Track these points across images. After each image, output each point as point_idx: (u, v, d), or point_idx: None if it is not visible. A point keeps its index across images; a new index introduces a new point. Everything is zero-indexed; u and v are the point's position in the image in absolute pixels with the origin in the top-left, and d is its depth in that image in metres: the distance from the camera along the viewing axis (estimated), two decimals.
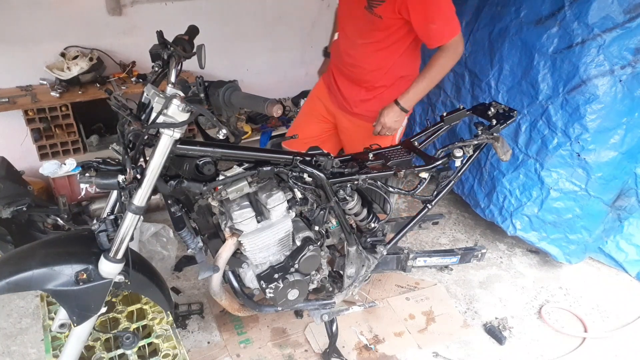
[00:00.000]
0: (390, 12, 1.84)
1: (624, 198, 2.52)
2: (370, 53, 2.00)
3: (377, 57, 2.01)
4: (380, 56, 2.00)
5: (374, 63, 2.03)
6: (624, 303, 2.58)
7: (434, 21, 1.82)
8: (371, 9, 1.87)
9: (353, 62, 2.07)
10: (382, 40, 1.95)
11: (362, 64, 2.04)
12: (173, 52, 1.49)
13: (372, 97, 2.12)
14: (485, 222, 3.00)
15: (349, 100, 2.16)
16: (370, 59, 2.02)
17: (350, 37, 2.03)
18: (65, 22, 2.76)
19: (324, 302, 1.94)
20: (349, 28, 2.03)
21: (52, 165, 2.71)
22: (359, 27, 1.97)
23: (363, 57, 2.02)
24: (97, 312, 1.42)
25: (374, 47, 1.98)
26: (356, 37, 2.00)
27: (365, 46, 1.99)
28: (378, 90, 2.10)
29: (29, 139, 2.76)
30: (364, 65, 2.05)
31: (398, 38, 1.95)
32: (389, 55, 2.00)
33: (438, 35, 1.85)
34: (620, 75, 2.17)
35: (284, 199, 1.60)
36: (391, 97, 2.06)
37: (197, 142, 1.45)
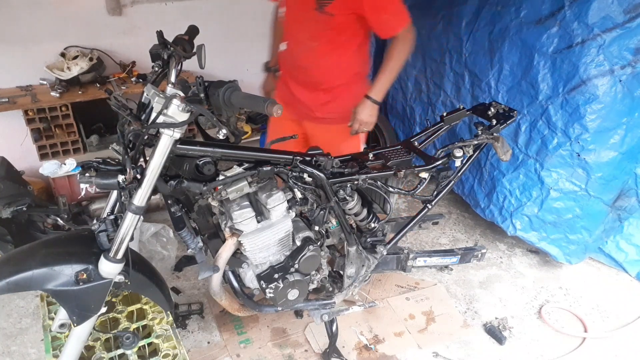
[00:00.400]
0: (341, 9, 1.87)
1: (624, 198, 2.52)
2: (325, 54, 2.01)
3: (331, 57, 2.02)
4: (334, 55, 2.01)
5: (329, 63, 2.03)
6: (624, 303, 2.58)
7: (386, 12, 1.89)
8: (321, 8, 1.88)
9: (308, 66, 2.06)
10: (335, 38, 1.97)
11: (317, 66, 2.05)
12: (173, 52, 1.49)
13: (332, 99, 2.12)
14: (485, 222, 3.00)
15: (310, 107, 2.15)
16: (325, 59, 2.02)
17: (303, 41, 2.02)
18: (65, 22, 2.77)
19: (324, 302, 1.94)
20: (300, 33, 2.02)
21: (52, 165, 2.71)
22: (311, 30, 1.97)
23: (318, 58, 2.02)
24: (97, 312, 1.42)
25: (328, 47, 1.99)
26: (309, 40, 2.00)
27: (318, 48, 2.00)
28: (336, 91, 2.10)
29: (29, 139, 2.76)
30: (319, 67, 2.05)
31: (350, 35, 1.98)
32: (342, 53, 2.02)
33: (390, 25, 1.92)
34: (620, 75, 2.17)
35: (284, 199, 1.60)
36: (350, 95, 2.09)
37: (197, 142, 1.45)
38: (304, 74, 2.10)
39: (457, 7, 2.85)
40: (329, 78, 2.08)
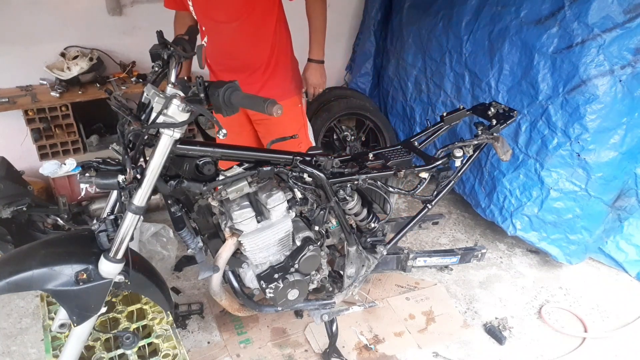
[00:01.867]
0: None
1: (624, 198, 2.52)
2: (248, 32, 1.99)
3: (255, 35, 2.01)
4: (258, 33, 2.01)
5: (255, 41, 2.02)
6: (624, 303, 2.58)
7: None
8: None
9: (234, 50, 2.04)
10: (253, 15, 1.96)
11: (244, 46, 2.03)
12: (173, 52, 1.49)
13: (269, 76, 2.11)
14: (485, 222, 3.00)
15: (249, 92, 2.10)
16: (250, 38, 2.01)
17: (222, 27, 2.00)
18: (65, 22, 2.76)
19: (324, 302, 1.94)
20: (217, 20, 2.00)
21: (52, 165, 2.71)
22: (228, 12, 1.96)
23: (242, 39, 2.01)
24: (97, 312, 1.42)
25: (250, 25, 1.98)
26: (227, 22, 1.98)
27: (241, 28, 1.98)
28: (271, 69, 2.09)
29: (29, 139, 2.76)
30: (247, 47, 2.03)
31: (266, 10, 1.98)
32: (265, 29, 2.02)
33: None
34: (620, 75, 2.17)
35: (284, 199, 1.60)
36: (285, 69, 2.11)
37: (197, 142, 1.45)
38: (231, 59, 2.07)
39: (457, 7, 2.85)
40: (257, 58, 2.06)
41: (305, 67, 2.11)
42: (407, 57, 3.32)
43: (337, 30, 3.76)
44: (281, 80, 2.14)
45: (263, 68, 2.09)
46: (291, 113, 2.19)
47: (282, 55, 2.12)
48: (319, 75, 2.11)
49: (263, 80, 2.11)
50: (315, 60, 2.09)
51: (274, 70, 2.12)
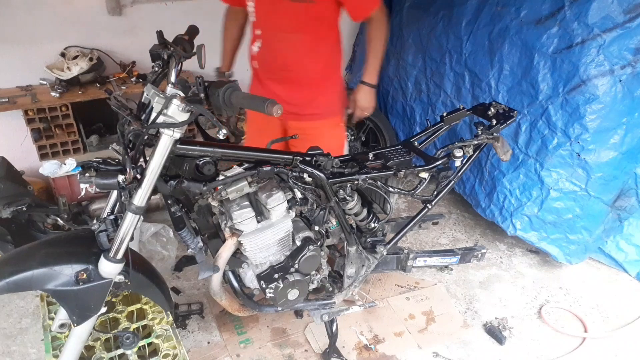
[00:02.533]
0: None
1: (624, 198, 2.52)
2: (307, 47, 1.95)
3: (314, 50, 1.96)
4: (317, 48, 1.97)
5: (313, 56, 1.98)
6: (624, 303, 2.58)
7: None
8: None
9: (289, 63, 1.98)
10: (318, 28, 1.92)
11: (300, 61, 1.97)
12: (173, 52, 1.49)
13: (319, 93, 2.07)
14: (485, 222, 3.00)
15: (296, 105, 2.05)
16: (308, 53, 1.96)
17: (281, 36, 1.93)
18: (65, 22, 2.76)
19: (324, 302, 1.94)
20: (277, 28, 1.93)
21: (52, 165, 2.71)
22: (291, 22, 1.89)
23: (300, 53, 1.95)
24: (97, 312, 1.42)
25: (310, 38, 1.93)
26: (288, 33, 1.91)
27: (300, 41, 1.93)
28: (322, 85, 2.06)
29: (29, 139, 2.76)
30: (303, 61, 1.98)
31: (330, 24, 1.95)
32: (325, 44, 1.99)
33: (365, 6, 1.90)
34: (620, 75, 2.17)
35: (284, 199, 1.60)
36: (335, 87, 2.08)
37: (197, 142, 1.45)
38: (286, 70, 2.01)
39: (457, 7, 2.85)
40: (313, 73, 2.02)
41: (357, 89, 2.03)
42: (407, 57, 3.32)
43: None
44: (329, 98, 2.09)
45: (314, 84, 2.04)
46: (332, 131, 2.14)
47: (334, 73, 2.08)
48: (369, 99, 2.05)
49: (311, 96, 2.06)
50: (368, 84, 2.02)
51: (324, 87, 2.07)
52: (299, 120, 2.11)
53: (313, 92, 2.07)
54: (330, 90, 2.09)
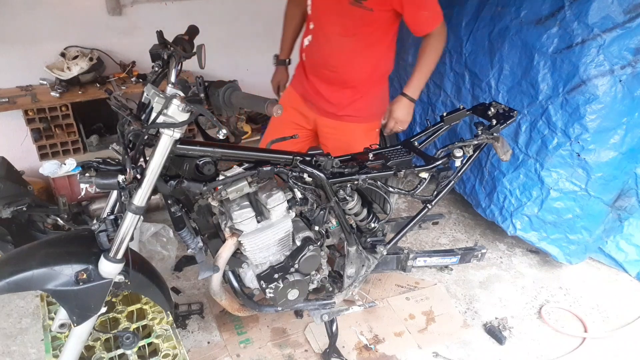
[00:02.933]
0: (380, 4, 1.82)
1: (624, 198, 2.52)
2: (358, 51, 1.94)
3: (364, 55, 1.95)
4: (367, 53, 1.95)
5: (361, 61, 1.97)
6: (624, 303, 2.58)
7: (425, 8, 1.84)
8: (359, 2, 1.81)
9: (337, 64, 1.98)
10: (371, 34, 1.91)
11: (348, 63, 1.97)
12: (173, 52, 1.49)
13: (359, 97, 2.07)
14: (485, 222, 3.00)
15: (335, 105, 2.08)
16: (357, 57, 1.95)
17: (333, 37, 1.93)
18: (65, 22, 2.76)
19: (324, 302, 1.94)
20: (331, 28, 1.93)
21: (52, 165, 2.71)
22: (345, 24, 1.89)
23: (350, 56, 1.95)
24: (97, 312, 1.42)
25: (361, 43, 1.92)
26: (341, 35, 1.91)
27: (351, 44, 1.92)
28: (364, 89, 2.05)
29: (29, 139, 2.76)
30: (350, 64, 1.97)
31: (384, 31, 1.92)
32: (375, 50, 1.97)
33: (428, 22, 1.87)
34: (620, 75, 2.17)
35: (284, 199, 1.60)
36: (376, 94, 2.05)
37: (197, 142, 1.45)
38: (331, 71, 2.00)
39: (457, 7, 2.85)
40: (358, 76, 2.00)
41: (396, 100, 2.00)
42: (407, 57, 3.31)
43: None
44: (369, 103, 2.08)
45: (356, 87, 2.04)
46: (367, 136, 2.13)
47: (379, 80, 2.06)
48: (406, 112, 2.01)
49: (352, 98, 2.06)
50: (408, 97, 1.98)
51: (366, 92, 2.06)
52: (335, 120, 2.10)
53: (354, 95, 2.05)
54: (372, 95, 2.07)
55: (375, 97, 2.07)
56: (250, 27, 3.36)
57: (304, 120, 2.20)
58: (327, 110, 2.11)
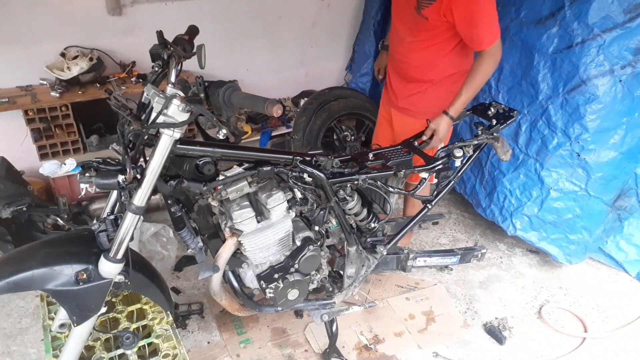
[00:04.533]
0: (436, 15, 1.89)
1: (624, 198, 2.52)
2: (416, 50, 2.07)
3: (422, 54, 2.07)
4: (425, 54, 2.06)
5: (419, 59, 2.10)
6: (624, 303, 2.58)
7: (476, 26, 1.85)
8: (419, 10, 1.91)
9: (400, 58, 2.17)
10: (428, 39, 2.01)
11: (408, 59, 2.13)
12: (173, 52, 1.49)
13: (417, 92, 2.18)
14: (485, 222, 3.00)
15: (397, 95, 2.26)
16: (416, 55, 2.09)
17: (400, 34, 2.11)
18: (65, 22, 2.76)
19: (324, 302, 1.94)
20: (399, 26, 2.11)
21: (52, 165, 2.71)
22: (408, 26, 2.04)
23: (409, 53, 2.11)
24: (97, 312, 1.43)
25: (420, 45, 2.05)
26: (404, 34, 2.08)
27: (411, 43, 2.07)
28: (424, 86, 2.16)
29: (29, 139, 2.76)
30: (409, 60, 2.13)
31: (444, 39, 1.99)
32: (434, 53, 2.05)
33: (479, 40, 1.89)
34: (620, 75, 2.17)
35: (284, 199, 1.60)
36: (434, 93, 2.14)
37: (197, 142, 1.45)
38: (398, 65, 2.20)
39: None
40: (417, 73, 2.14)
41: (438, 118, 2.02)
42: None
43: (337, 30, 3.76)
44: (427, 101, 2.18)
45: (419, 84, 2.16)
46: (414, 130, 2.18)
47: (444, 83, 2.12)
48: (447, 130, 2.04)
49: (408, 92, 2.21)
50: (450, 115, 2.01)
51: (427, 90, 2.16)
52: (395, 110, 2.31)
53: (413, 89, 2.18)
54: (431, 94, 2.16)
55: (432, 97, 2.15)
56: (250, 27, 3.36)
57: (385, 111, 2.44)
58: (392, 99, 2.31)
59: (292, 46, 3.64)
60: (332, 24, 3.71)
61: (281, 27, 3.50)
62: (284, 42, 3.57)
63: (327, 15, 3.64)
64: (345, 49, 3.89)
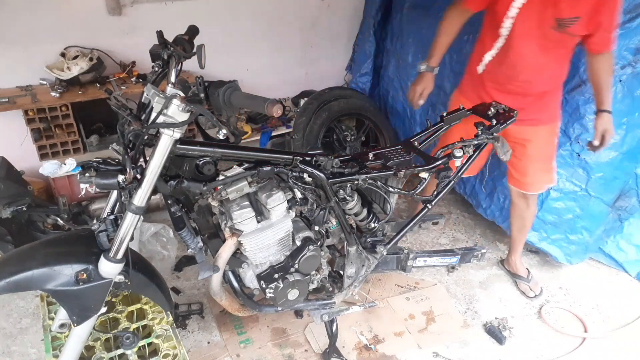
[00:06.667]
0: (583, 29, 1.89)
1: (625, 198, 2.51)
2: (549, 68, 2.05)
3: (554, 70, 2.07)
4: (557, 69, 2.07)
5: (550, 75, 2.08)
6: (624, 303, 2.58)
7: (612, 29, 1.92)
8: (562, 28, 1.89)
9: (527, 79, 2.07)
10: (566, 54, 2.03)
11: (538, 78, 2.07)
12: (173, 52, 1.49)
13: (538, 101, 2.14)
14: (485, 222, 3.00)
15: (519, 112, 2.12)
16: (548, 72, 2.06)
17: (528, 56, 2.01)
18: (65, 22, 2.76)
19: (324, 302, 1.94)
20: (527, 48, 2.00)
21: (52, 165, 2.71)
22: (544, 46, 1.97)
23: (541, 72, 2.05)
24: (97, 312, 1.43)
25: (554, 61, 2.03)
26: (536, 55, 2.00)
27: (544, 62, 2.02)
28: (548, 97, 2.15)
29: (29, 139, 2.76)
30: (540, 79, 2.07)
31: (572, 48, 2.02)
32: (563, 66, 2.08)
33: (610, 42, 1.94)
34: (620, 75, 2.17)
35: (284, 199, 1.60)
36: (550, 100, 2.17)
37: (197, 142, 1.45)
38: (514, 84, 2.10)
39: None
40: (544, 88, 2.11)
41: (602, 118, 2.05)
42: (407, 57, 3.32)
43: (337, 30, 3.76)
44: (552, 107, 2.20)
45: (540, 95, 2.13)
46: (550, 137, 2.24)
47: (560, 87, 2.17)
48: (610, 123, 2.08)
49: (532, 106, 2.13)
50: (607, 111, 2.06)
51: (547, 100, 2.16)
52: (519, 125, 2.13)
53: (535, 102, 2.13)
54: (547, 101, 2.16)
55: (551, 102, 2.18)
56: (250, 27, 3.36)
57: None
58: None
59: (292, 46, 3.64)
60: (332, 24, 3.71)
61: (281, 27, 3.50)
62: (284, 42, 3.58)
63: (327, 15, 3.65)
64: (345, 49, 3.89)
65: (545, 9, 1.88)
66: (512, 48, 2.03)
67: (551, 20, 1.89)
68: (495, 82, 2.16)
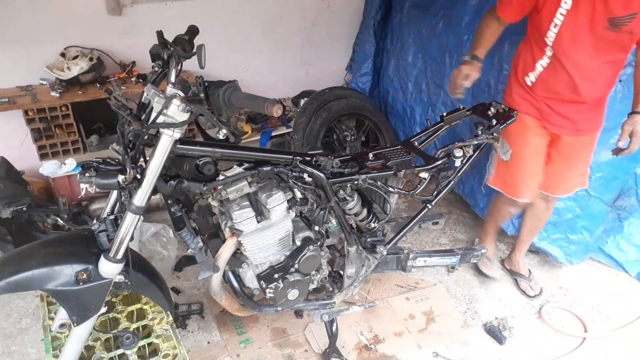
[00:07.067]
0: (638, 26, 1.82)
1: (624, 198, 2.51)
2: (603, 71, 1.97)
3: (608, 74, 2.00)
4: (611, 73, 2.00)
5: (604, 80, 2.01)
6: (624, 303, 2.58)
7: None
8: (617, 27, 1.81)
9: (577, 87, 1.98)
10: (618, 57, 1.95)
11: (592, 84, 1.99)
12: (173, 52, 1.49)
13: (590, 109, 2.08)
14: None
15: (576, 122, 2.09)
16: (602, 77, 1.99)
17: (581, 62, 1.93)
18: (65, 22, 2.76)
19: (324, 302, 1.94)
20: (579, 54, 1.92)
21: (52, 165, 2.71)
22: (599, 48, 1.89)
23: (595, 77, 1.98)
24: (97, 312, 1.43)
25: (609, 65, 1.96)
26: (591, 59, 1.92)
27: (598, 66, 1.94)
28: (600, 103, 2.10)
29: (29, 139, 2.76)
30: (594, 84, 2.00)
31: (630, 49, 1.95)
32: (617, 69, 2.01)
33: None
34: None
35: (284, 199, 1.60)
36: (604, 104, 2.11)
37: (197, 142, 1.45)
38: (569, 92, 2.01)
39: (457, 7, 2.85)
40: (599, 93, 2.05)
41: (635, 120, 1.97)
42: (407, 57, 3.32)
43: (337, 30, 3.76)
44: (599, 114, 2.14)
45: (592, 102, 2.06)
46: (591, 144, 2.20)
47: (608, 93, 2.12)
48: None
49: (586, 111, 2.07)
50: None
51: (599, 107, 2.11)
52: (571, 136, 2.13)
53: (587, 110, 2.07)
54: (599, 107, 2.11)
55: (602, 108, 2.13)
56: (250, 27, 3.36)
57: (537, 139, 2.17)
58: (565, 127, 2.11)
59: (292, 46, 3.64)
60: (332, 24, 3.71)
61: (281, 27, 3.50)
62: (284, 42, 3.58)
63: (327, 15, 3.65)
64: (345, 49, 3.89)
65: (595, 10, 1.80)
66: (562, 55, 1.94)
67: (603, 21, 1.81)
68: (549, 92, 2.05)
